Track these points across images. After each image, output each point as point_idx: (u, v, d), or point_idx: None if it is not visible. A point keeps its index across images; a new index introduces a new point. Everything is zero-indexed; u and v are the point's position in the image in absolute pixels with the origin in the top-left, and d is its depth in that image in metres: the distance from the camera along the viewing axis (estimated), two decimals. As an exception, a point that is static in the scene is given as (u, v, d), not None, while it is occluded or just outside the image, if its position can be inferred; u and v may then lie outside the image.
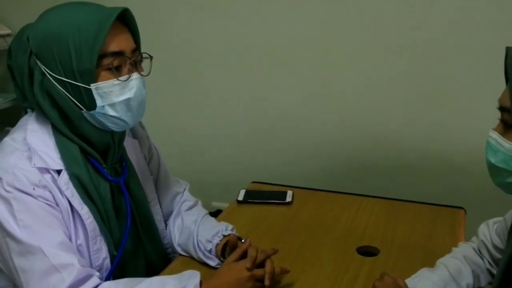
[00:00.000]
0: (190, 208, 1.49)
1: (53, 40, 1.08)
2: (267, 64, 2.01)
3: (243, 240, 1.33)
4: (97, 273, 1.13)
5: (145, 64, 1.20)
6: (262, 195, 1.77)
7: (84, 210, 1.16)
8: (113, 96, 1.12)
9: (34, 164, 1.09)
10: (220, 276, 1.18)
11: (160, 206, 1.44)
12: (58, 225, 1.11)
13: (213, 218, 1.48)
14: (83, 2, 1.15)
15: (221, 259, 1.34)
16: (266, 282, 1.17)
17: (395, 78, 1.88)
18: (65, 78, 1.10)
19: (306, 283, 1.28)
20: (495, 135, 0.93)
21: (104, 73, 1.11)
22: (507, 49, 0.91)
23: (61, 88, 1.11)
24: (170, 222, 1.46)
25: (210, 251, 1.35)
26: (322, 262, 1.38)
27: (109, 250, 1.21)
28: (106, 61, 1.10)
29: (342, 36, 1.90)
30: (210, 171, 2.07)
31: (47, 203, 1.10)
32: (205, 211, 1.50)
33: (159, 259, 1.38)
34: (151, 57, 1.20)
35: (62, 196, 1.13)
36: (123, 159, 1.29)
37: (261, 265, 1.22)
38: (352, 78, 1.96)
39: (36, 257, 1.05)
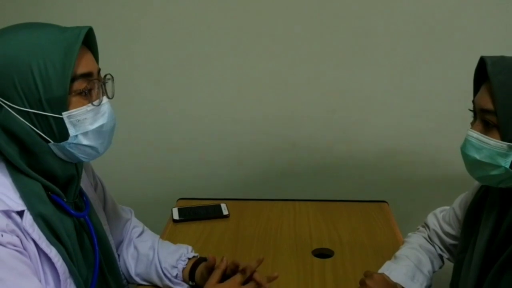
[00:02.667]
0: (141, 234, 1.41)
1: (12, 67, 0.93)
2: (179, 75, 1.96)
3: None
4: None
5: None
6: (197, 212, 1.73)
7: (53, 253, 1.03)
8: (87, 123, 1.02)
9: None
10: None
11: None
12: (30, 272, 0.97)
13: (168, 242, 1.41)
14: (38, 23, 1.01)
15: (190, 283, 1.29)
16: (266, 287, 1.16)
17: (304, 84, 1.95)
18: (29, 109, 0.96)
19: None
20: (475, 134, 1.03)
21: (75, 99, 0.99)
22: (484, 58, 1.02)
23: (23, 121, 0.97)
24: (123, 252, 1.37)
25: (176, 277, 1.30)
26: (286, 270, 1.40)
27: None
28: (77, 85, 0.99)
29: (253, 42, 1.92)
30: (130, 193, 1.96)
31: (16, 250, 0.96)
32: (157, 235, 1.43)
33: (120, 293, 1.28)
34: (112, 78, 1.10)
35: (28, 239, 1.00)
36: (81, 191, 1.17)
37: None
38: (266, 88, 1.99)
39: None
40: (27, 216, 0.99)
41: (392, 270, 1.28)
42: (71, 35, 0.98)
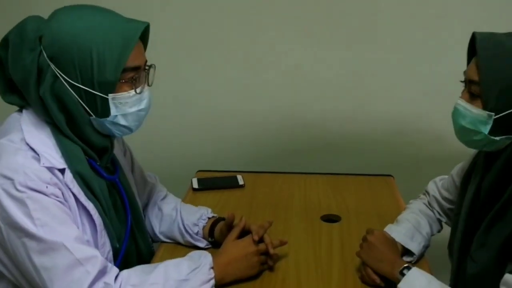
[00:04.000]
0: (164, 197, 1.55)
1: (75, 47, 1.06)
2: (198, 57, 2.09)
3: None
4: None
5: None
6: (215, 182, 1.86)
7: (90, 206, 1.17)
8: (127, 106, 1.15)
9: (43, 164, 1.08)
10: (228, 253, 1.26)
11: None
12: (71, 221, 1.11)
13: (189, 204, 1.54)
14: (103, 8, 1.14)
15: (209, 239, 1.42)
16: (271, 251, 1.29)
17: (316, 65, 2.08)
18: (81, 85, 1.10)
19: (291, 252, 1.41)
20: (463, 103, 1.15)
21: (121, 85, 1.13)
22: (475, 33, 1.13)
23: (73, 93, 1.10)
24: (149, 212, 1.50)
25: (197, 234, 1.43)
26: (296, 233, 1.52)
27: (112, 243, 1.23)
28: (127, 75, 1.12)
29: (266, 27, 2.04)
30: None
31: (59, 200, 1.09)
32: (179, 199, 1.56)
33: (146, 248, 1.41)
34: (154, 67, 1.22)
35: (68, 193, 1.13)
36: (113, 158, 1.31)
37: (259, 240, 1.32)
38: (278, 69, 2.11)
39: (58, 253, 1.04)
40: (68, 173, 1.13)
41: (392, 230, 1.40)
42: (131, 28, 1.11)
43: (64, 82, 1.09)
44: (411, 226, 1.42)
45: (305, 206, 1.70)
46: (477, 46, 1.09)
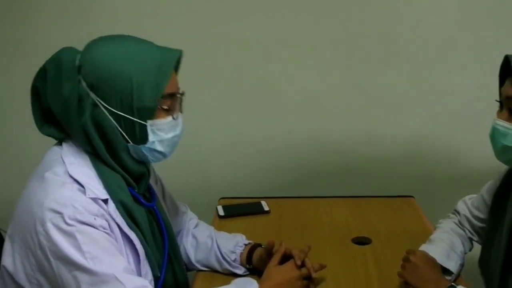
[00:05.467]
0: (197, 225, 1.55)
1: (116, 75, 1.09)
2: (211, 87, 2.12)
3: (262, 246, 1.44)
4: None
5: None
6: (240, 208, 1.86)
7: (133, 236, 1.18)
8: (164, 133, 1.18)
9: (89, 195, 1.09)
10: (272, 279, 1.27)
11: None
12: (118, 252, 1.12)
13: (223, 232, 1.55)
14: (135, 37, 1.17)
15: (247, 266, 1.42)
16: (314, 275, 1.30)
17: (330, 89, 2.12)
18: (121, 112, 1.12)
19: (329, 276, 1.41)
20: (501, 122, 1.18)
21: (159, 112, 1.15)
22: (508, 56, 1.17)
23: (113, 121, 1.12)
24: (183, 241, 1.51)
25: (234, 261, 1.43)
26: (330, 257, 1.53)
27: (153, 272, 1.23)
28: (164, 102, 1.15)
29: (279, 53, 2.08)
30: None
31: (106, 232, 1.10)
32: (211, 226, 1.57)
33: (183, 277, 1.41)
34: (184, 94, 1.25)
35: (113, 224, 1.14)
36: (149, 185, 1.32)
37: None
38: (293, 94, 2.15)
39: (110, 285, 1.05)
40: (111, 203, 1.14)
41: (429, 250, 1.41)
42: (167, 55, 1.15)
43: (104, 110, 1.11)
44: (446, 245, 1.43)
45: (333, 229, 1.71)
46: None
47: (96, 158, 1.16)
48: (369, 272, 1.45)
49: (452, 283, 1.21)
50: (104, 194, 1.13)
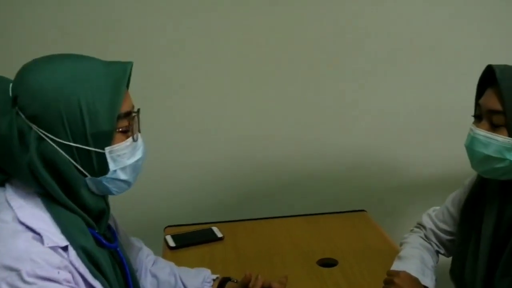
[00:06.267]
0: (155, 262, 1.40)
1: (60, 101, 0.92)
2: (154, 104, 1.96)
3: (235, 280, 1.33)
4: None
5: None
6: (191, 237, 1.73)
7: (98, 285, 1.01)
8: (125, 158, 1.02)
9: (47, 244, 0.92)
10: None
11: None
12: None
13: (184, 267, 1.41)
14: (76, 55, 1.00)
15: (218, 303, 1.30)
16: None
17: (275, 106, 2.05)
18: (73, 142, 0.95)
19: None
20: (483, 132, 1.16)
21: (117, 135, 1.00)
22: (492, 66, 1.16)
23: (64, 154, 0.96)
24: (141, 281, 1.34)
25: (203, 298, 1.30)
26: (300, 282, 1.45)
27: None
28: (121, 123, 1.00)
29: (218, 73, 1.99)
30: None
31: (71, 286, 0.94)
32: (171, 262, 1.42)
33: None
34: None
35: (77, 275, 0.98)
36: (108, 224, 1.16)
37: None
38: (231, 111, 2.05)
39: None
40: (71, 250, 0.97)
41: (402, 268, 1.37)
42: (117, 70, 0.99)
43: (52, 143, 0.95)
44: (418, 262, 1.40)
45: (296, 252, 1.64)
46: (498, 77, 1.12)
47: (48, 199, 0.98)
48: (344, 296, 1.38)
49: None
50: (63, 241, 0.96)
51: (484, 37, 2.04)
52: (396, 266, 1.41)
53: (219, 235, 1.74)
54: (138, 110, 1.07)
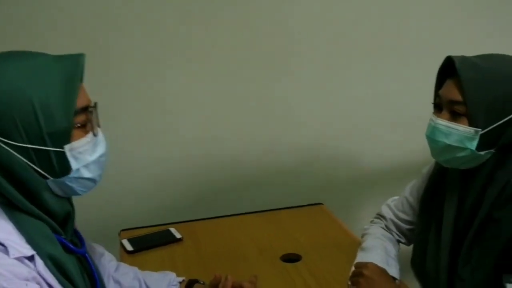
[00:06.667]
0: (117, 268, 1.34)
1: (12, 102, 0.86)
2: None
3: (202, 282, 1.30)
4: None
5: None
6: (149, 239, 1.67)
7: None
8: (88, 155, 0.97)
9: (13, 255, 0.86)
10: None
11: None
12: None
13: (148, 271, 1.36)
14: (24, 51, 0.94)
15: (185, 307, 1.26)
16: None
17: (224, 101, 2.02)
18: (29, 144, 0.89)
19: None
20: (444, 122, 1.18)
21: (75, 132, 0.95)
22: (452, 57, 1.18)
23: (20, 157, 0.90)
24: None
25: (169, 303, 1.27)
26: (266, 280, 1.42)
27: None
28: (78, 119, 0.95)
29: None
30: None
31: None
32: (134, 267, 1.37)
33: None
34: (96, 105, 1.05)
35: (45, 285, 0.92)
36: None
37: None
38: (188, 107, 2.01)
39: None
40: (38, 260, 0.92)
41: (367, 259, 1.38)
42: (70, 64, 0.94)
43: (6, 147, 0.89)
44: (382, 252, 1.42)
45: (258, 249, 1.62)
46: (458, 68, 1.14)
47: (10, 207, 0.91)
48: (311, 290, 1.38)
49: (411, 292, 1.18)
50: (29, 250, 0.90)
51: (434, 29, 2.09)
52: (361, 257, 1.42)
53: (178, 236, 1.69)
54: (95, 104, 1.02)
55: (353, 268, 1.34)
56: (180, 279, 1.32)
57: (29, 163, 0.91)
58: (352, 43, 2.04)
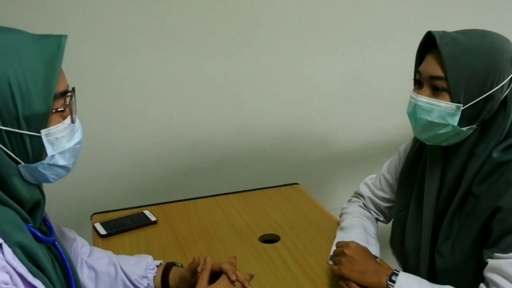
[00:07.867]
0: (91, 252, 1.30)
1: None
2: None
3: (180, 265, 1.26)
4: None
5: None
6: (122, 222, 1.62)
7: (39, 284, 0.91)
8: (64, 141, 0.93)
9: None
10: None
11: None
12: None
13: (123, 255, 1.32)
14: (2, 27, 0.88)
15: (164, 290, 1.23)
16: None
17: (197, 82, 1.97)
18: (2, 126, 0.84)
19: (254, 283, 1.26)
20: (425, 98, 1.17)
21: (53, 116, 0.90)
22: (432, 32, 1.16)
23: None
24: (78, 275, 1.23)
25: (148, 287, 1.23)
26: (245, 262, 1.41)
27: None
28: (57, 103, 0.90)
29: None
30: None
31: None
32: (108, 251, 1.33)
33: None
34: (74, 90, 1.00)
35: (15, 275, 0.87)
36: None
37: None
38: (157, 87, 1.95)
39: None
40: (6, 248, 0.87)
41: (347, 238, 1.37)
42: (51, 44, 0.89)
43: None
44: (361, 231, 1.42)
45: (235, 230, 1.59)
46: (438, 43, 1.12)
47: None
48: (292, 271, 1.37)
49: (394, 270, 1.17)
50: None
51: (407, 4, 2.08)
52: (341, 237, 1.41)
53: (153, 218, 1.65)
54: (73, 89, 0.97)
55: (334, 247, 1.33)
56: (158, 262, 1.28)
57: (1, 146, 0.85)
58: (324, 21, 2.01)
